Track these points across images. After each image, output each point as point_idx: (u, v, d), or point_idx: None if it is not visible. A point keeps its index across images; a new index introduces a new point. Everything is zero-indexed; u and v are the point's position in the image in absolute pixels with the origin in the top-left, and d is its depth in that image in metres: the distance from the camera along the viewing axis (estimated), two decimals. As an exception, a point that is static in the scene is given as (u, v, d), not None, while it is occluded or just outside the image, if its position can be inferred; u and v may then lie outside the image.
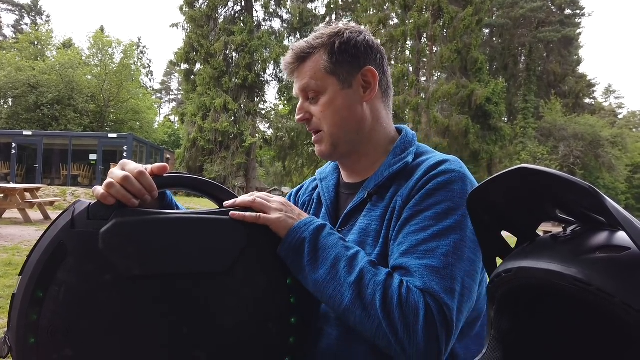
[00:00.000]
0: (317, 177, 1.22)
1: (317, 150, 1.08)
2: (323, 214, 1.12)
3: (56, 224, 0.80)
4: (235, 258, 0.85)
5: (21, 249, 7.11)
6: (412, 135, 1.10)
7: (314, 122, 1.05)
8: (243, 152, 23.54)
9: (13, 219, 10.81)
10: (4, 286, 4.78)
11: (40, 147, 20.48)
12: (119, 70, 28.72)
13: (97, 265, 0.77)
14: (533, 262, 0.54)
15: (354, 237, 0.99)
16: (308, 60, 1.02)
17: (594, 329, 0.58)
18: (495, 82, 23.92)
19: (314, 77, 1.02)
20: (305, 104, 1.05)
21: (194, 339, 0.81)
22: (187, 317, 0.81)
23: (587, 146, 26.26)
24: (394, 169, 1.00)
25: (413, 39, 22.92)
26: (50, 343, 0.75)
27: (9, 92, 26.00)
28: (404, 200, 0.95)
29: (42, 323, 0.75)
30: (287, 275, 0.89)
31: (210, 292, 0.83)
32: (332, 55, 1.01)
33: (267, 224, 0.89)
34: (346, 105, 1.02)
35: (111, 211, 0.81)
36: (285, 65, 1.06)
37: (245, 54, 23.70)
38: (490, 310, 0.61)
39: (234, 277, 0.84)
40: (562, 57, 33.37)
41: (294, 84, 1.07)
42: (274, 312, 0.87)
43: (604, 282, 0.46)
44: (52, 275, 0.76)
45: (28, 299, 0.75)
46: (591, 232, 0.53)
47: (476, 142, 22.67)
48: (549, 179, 0.52)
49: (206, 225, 0.85)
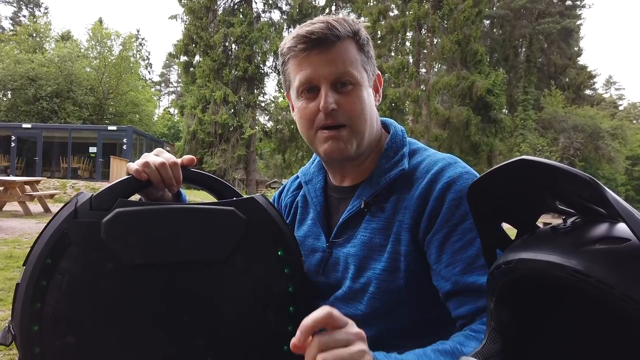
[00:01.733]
0: (300, 179, 1.14)
1: (336, 148, 0.94)
2: (312, 220, 1.06)
3: (59, 214, 0.81)
4: (235, 247, 0.86)
5: (22, 242, 7.12)
6: (402, 133, 1.03)
7: (339, 114, 0.93)
8: (243, 144, 23.50)
9: (13, 211, 10.82)
10: (5, 279, 4.80)
11: (40, 139, 20.46)
12: (118, 63, 28.61)
13: (99, 254, 0.79)
14: (533, 253, 0.54)
15: (356, 250, 0.95)
16: (337, 45, 0.92)
17: (593, 320, 0.58)
18: (496, 73, 23.83)
19: (352, 66, 0.92)
20: (331, 92, 0.92)
21: (194, 327, 0.82)
22: (188, 306, 0.83)
23: (587, 138, 26.22)
24: (390, 177, 0.95)
25: (413, 30, 22.79)
26: (54, 331, 0.76)
27: (7, 85, 25.91)
28: (412, 214, 0.90)
29: (45, 311, 0.76)
30: (285, 264, 0.90)
31: (210, 281, 0.85)
32: (362, 48, 0.95)
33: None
34: (371, 104, 0.97)
35: (113, 202, 0.82)
36: (313, 38, 0.90)
37: (245, 45, 23.59)
38: (490, 302, 0.61)
39: (234, 266, 0.86)
40: (562, 49, 33.22)
41: (310, 66, 0.92)
42: (273, 301, 0.88)
43: (604, 273, 0.46)
44: (55, 264, 0.77)
45: (32, 287, 0.76)
46: (591, 223, 0.53)
47: (477, 134, 22.63)
48: (549, 171, 0.52)
49: (205, 215, 0.86)
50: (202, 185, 0.96)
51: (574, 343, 0.61)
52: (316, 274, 1.02)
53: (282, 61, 0.99)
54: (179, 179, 0.91)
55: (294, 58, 0.94)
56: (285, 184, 1.23)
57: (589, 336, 0.60)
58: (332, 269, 1.00)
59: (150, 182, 0.88)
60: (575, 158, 25.57)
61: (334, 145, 0.94)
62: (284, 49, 0.96)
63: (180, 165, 0.92)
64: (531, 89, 28.70)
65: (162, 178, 0.89)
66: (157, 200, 0.96)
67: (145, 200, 0.95)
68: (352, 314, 0.92)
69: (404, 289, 0.90)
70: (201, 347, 0.83)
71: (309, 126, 0.96)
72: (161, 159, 0.89)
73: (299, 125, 1.00)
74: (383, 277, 0.91)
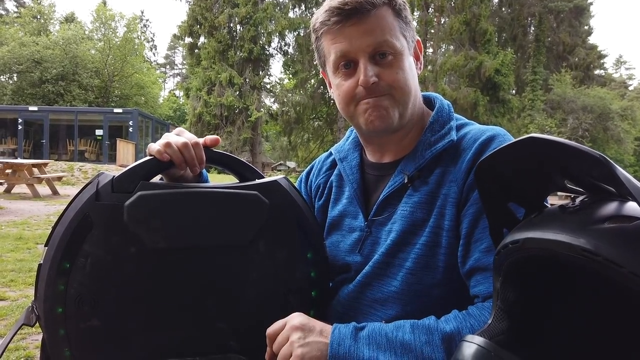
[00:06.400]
0: (335, 156, 1.08)
1: (376, 117, 0.90)
2: (349, 199, 1.01)
3: (80, 196, 0.81)
4: (258, 232, 0.86)
5: (31, 224, 7.20)
6: (449, 107, 0.98)
7: (380, 85, 0.88)
8: (249, 126, 23.47)
9: (22, 194, 10.92)
10: (16, 260, 4.86)
11: (47, 122, 20.53)
12: (123, 45, 28.51)
13: (122, 238, 0.79)
14: (541, 232, 0.53)
15: (399, 226, 0.89)
16: (377, 12, 0.86)
17: (601, 299, 0.58)
18: (504, 53, 23.49)
19: (390, 34, 0.87)
20: (370, 64, 0.87)
21: (217, 311, 0.83)
22: (211, 290, 0.84)
23: (596, 119, 25.91)
24: (437, 149, 0.90)
25: (420, 10, 22.45)
26: (78, 313, 0.77)
27: (13, 68, 25.92)
28: (460, 187, 0.86)
29: (69, 293, 0.76)
30: (308, 249, 0.91)
31: (233, 265, 0.85)
32: (399, 14, 0.89)
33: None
34: (413, 72, 0.92)
35: (135, 184, 0.82)
36: (347, 9, 0.85)
37: (250, 26, 23.38)
38: (496, 282, 0.61)
39: (257, 251, 0.86)
40: (573, 28, 32.61)
41: (346, 39, 0.87)
42: (295, 285, 0.89)
43: (613, 252, 0.46)
44: (78, 246, 0.77)
45: (55, 269, 0.76)
46: (600, 202, 0.52)
47: (485, 115, 22.43)
48: (559, 149, 0.51)
49: (228, 199, 0.86)
50: (223, 166, 0.95)
51: (581, 322, 0.61)
52: (352, 253, 0.97)
53: (315, 37, 0.94)
54: (202, 159, 0.89)
55: (327, 33, 0.89)
56: (314, 163, 1.17)
57: (596, 315, 0.59)
58: (371, 249, 0.94)
59: (172, 163, 0.86)
60: (583, 139, 25.31)
61: (376, 114, 0.89)
62: (316, 24, 0.91)
63: (203, 146, 0.90)
64: (540, 69, 28.28)
65: (184, 159, 0.86)
66: (179, 180, 0.93)
67: (166, 179, 0.93)
68: (384, 291, 0.90)
69: (443, 268, 0.86)
70: (224, 330, 0.83)
71: (349, 102, 0.92)
72: (183, 139, 0.87)
73: (337, 103, 0.96)
74: (423, 252, 0.86)
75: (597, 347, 0.59)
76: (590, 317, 0.60)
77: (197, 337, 0.83)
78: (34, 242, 5.77)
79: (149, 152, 0.88)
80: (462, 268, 0.85)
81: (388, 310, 0.89)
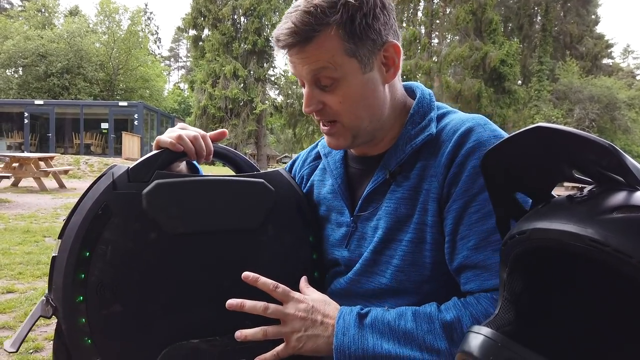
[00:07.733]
0: (319, 150, 1.09)
1: (331, 142, 0.92)
2: (333, 194, 1.01)
3: (96, 187, 0.83)
4: (266, 216, 0.93)
5: (38, 217, 7.26)
6: (430, 96, 0.96)
7: (327, 112, 0.88)
8: (253, 119, 23.48)
9: (29, 187, 11.00)
10: (24, 253, 4.91)
11: (52, 116, 20.62)
12: (127, 38, 28.52)
13: (142, 225, 0.82)
14: (548, 222, 0.52)
15: (384, 222, 0.89)
16: (318, 38, 0.81)
17: (609, 290, 0.57)
18: (510, 43, 23.27)
19: (330, 61, 0.82)
20: (315, 91, 0.87)
21: (234, 292, 0.85)
22: (227, 272, 0.88)
23: (603, 109, 25.69)
24: (417, 143, 0.88)
25: (426, 1, 22.27)
26: (99, 300, 0.78)
27: (18, 61, 26.00)
28: (440, 182, 0.85)
29: (90, 281, 0.78)
30: (309, 233, 0.99)
31: (246, 248, 0.91)
32: (351, 33, 0.82)
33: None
34: (370, 91, 0.87)
35: (150, 174, 0.85)
36: (283, 41, 0.83)
37: (254, 18, 23.31)
38: (503, 272, 0.61)
39: (266, 234, 0.93)
40: (580, 17, 32.25)
41: (292, 64, 0.87)
42: (300, 266, 0.96)
43: (622, 242, 0.45)
44: (98, 235, 0.79)
45: (74, 259, 0.78)
46: (609, 192, 0.52)
47: (489, 106, 22.28)
48: (567, 138, 0.50)
49: (238, 187, 0.92)
50: (225, 159, 1.02)
51: (589, 313, 0.61)
52: (340, 248, 0.97)
53: None
54: (211, 150, 0.96)
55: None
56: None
57: (604, 306, 0.59)
58: (358, 244, 0.94)
59: (184, 154, 0.92)
60: (590, 129, 25.11)
61: (330, 139, 0.92)
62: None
63: (211, 138, 0.97)
64: (546, 58, 28.02)
65: (195, 149, 0.93)
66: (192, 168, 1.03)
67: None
68: (375, 288, 0.90)
69: (430, 264, 0.86)
70: (240, 312, 0.85)
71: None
72: (194, 132, 0.94)
73: None
74: (409, 248, 0.86)
75: (605, 338, 0.59)
76: (598, 308, 0.60)
77: (216, 318, 0.86)
78: (41, 235, 5.82)
79: (158, 144, 0.92)
80: (450, 265, 0.84)
81: (382, 304, 0.89)
